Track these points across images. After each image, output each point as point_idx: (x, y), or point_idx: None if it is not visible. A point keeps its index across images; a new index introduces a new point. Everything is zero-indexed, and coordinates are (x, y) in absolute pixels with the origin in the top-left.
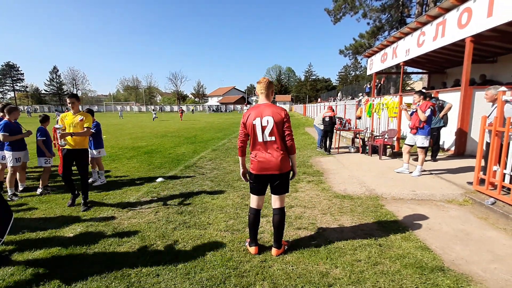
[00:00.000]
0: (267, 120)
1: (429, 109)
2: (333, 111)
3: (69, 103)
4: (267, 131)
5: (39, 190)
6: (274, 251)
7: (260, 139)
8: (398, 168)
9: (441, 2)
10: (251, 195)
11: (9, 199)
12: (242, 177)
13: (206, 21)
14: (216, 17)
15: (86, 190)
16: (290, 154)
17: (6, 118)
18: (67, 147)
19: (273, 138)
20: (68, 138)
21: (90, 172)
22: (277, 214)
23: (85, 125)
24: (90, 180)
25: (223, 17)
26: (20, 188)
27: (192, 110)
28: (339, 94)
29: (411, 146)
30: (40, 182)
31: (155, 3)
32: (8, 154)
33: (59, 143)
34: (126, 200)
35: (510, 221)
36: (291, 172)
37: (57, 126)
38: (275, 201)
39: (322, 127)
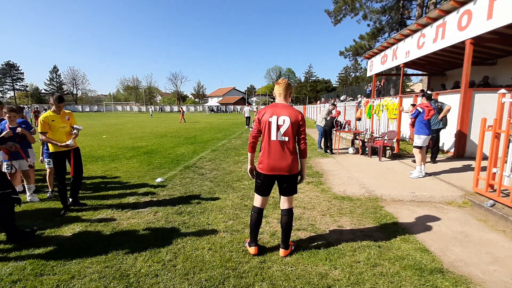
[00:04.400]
0: (284, 120)
1: (414, 110)
2: (338, 113)
3: (63, 106)
4: (282, 130)
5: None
6: (282, 251)
7: (274, 137)
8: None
9: (441, 4)
10: (256, 194)
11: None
12: (249, 174)
13: (207, 21)
14: (216, 18)
15: (78, 189)
16: (302, 158)
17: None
18: (61, 149)
19: (286, 138)
20: (59, 138)
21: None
22: (285, 215)
23: (74, 125)
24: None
25: (223, 18)
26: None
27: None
28: (343, 96)
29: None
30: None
31: (155, 3)
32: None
33: (69, 143)
34: (125, 200)
35: (510, 223)
36: (299, 176)
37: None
38: (283, 202)
39: (323, 124)
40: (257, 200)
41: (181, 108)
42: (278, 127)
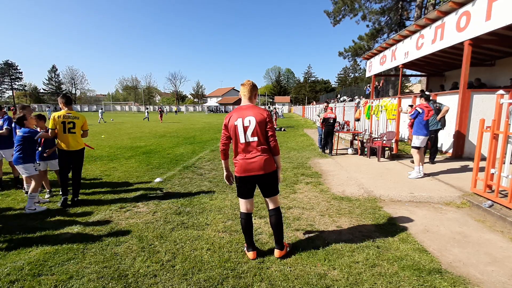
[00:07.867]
0: (249, 120)
1: (414, 111)
2: (332, 111)
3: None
4: (249, 132)
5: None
6: (276, 252)
7: (242, 140)
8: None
9: (440, 5)
10: (240, 199)
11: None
12: (226, 181)
13: (206, 21)
14: (216, 18)
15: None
16: (274, 155)
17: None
18: (69, 148)
19: (255, 139)
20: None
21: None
22: (273, 215)
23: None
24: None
25: (223, 18)
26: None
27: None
28: (344, 96)
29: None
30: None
31: (155, 3)
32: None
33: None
34: (124, 201)
35: (508, 224)
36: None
37: None
38: (269, 204)
39: (318, 124)
40: (242, 205)
41: (160, 107)
42: (245, 129)
